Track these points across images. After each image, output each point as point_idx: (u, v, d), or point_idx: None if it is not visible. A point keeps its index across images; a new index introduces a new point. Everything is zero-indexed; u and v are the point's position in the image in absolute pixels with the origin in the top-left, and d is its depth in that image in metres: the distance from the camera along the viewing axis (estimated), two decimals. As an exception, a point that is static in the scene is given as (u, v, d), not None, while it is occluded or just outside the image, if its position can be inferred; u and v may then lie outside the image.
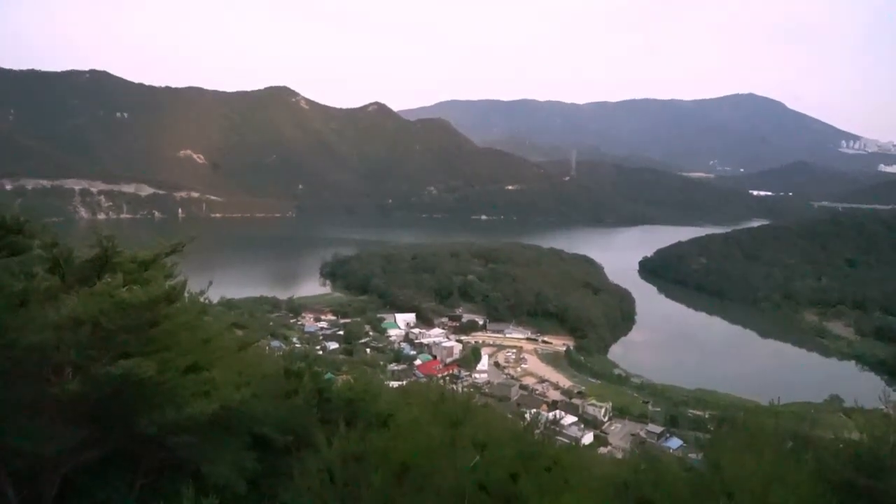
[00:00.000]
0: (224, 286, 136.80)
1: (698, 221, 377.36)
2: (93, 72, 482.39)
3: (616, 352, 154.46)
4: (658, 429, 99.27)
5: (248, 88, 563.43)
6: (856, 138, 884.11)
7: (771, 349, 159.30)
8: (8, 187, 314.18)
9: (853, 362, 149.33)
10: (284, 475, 13.84)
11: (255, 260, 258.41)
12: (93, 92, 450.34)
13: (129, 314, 13.79)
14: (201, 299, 19.21)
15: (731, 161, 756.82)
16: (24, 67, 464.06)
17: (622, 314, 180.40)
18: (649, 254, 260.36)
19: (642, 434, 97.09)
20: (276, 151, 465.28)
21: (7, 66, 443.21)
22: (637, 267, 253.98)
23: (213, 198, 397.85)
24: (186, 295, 17.17)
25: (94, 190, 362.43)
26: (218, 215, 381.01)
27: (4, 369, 12.22)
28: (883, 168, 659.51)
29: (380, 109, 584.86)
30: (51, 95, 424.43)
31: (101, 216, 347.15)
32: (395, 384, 53.17)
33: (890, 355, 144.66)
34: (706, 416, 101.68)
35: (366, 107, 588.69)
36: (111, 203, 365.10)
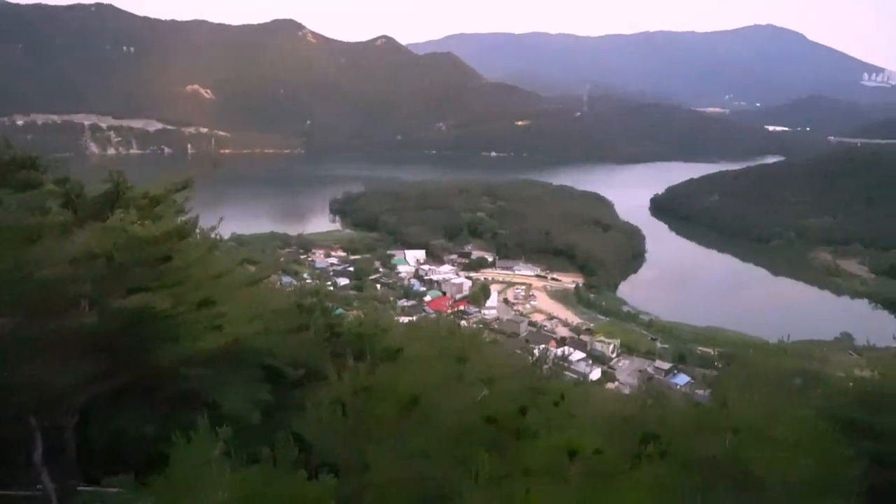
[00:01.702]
0: (235, 222, 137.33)
1: (711, 158, 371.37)
2: (98, 5, 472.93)
3: (625, 289, 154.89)
4: (666, 365, 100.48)
5: (255, 21, 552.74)
6: (879, 70, 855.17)
7: (782, 288, 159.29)
8: (19, 122, 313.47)
9: (866, 301, 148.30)
10: (296, 407, 14.20)
11: (265, 196, 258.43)
12: (99, 26, 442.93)
13: (142, 249, 13.96)
14: (212, 235, 19.36)
15: (747, 96, 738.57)
16: (30, 1, 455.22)
17: (632, 252, 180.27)
18: (660, 191, 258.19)
19: (650, 370, 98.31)
20: (283, 86, 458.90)
21: (13, 0, 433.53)
22: (648, 204, 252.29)
23: (221, 133, 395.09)
24: (197, 231, 17.32)
25: (103, 125, 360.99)
26: (227, 151, 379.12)
27: (22, 303, 12.47)
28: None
29: (387, 43, 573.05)
30: (57, 30, 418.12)
31: (111, 152, 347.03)
32: (404, 320, 53.90)
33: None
34: (714, 353, 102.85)
35: (373, 40, 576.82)
36: (120, 139, 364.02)
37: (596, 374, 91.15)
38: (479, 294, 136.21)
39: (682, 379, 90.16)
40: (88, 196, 15.12)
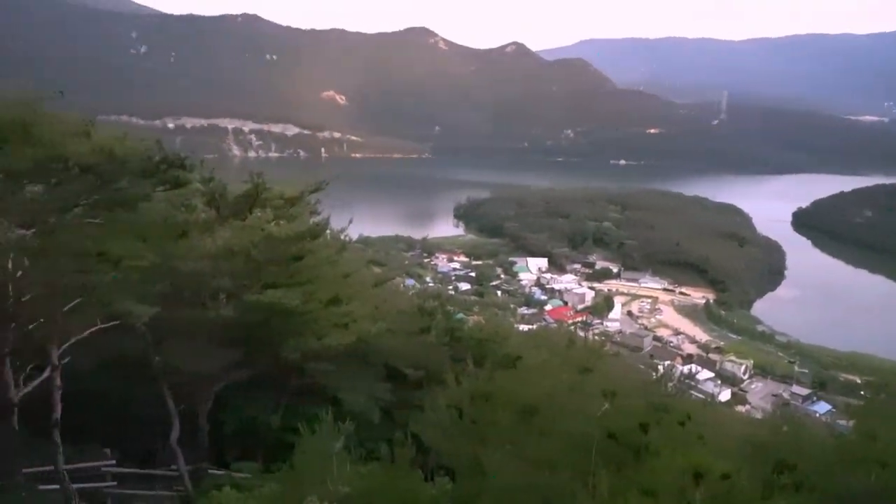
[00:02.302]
0: (362, 224, 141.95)
1: (864, 171, 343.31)
2: (245, 15, 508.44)
3: (760, 307, 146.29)
4: (804, 391, 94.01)
5: (388, 30, 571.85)
6: None
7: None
8: (170, 126, 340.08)
9: None
10: (415, 408, 14.41)
11: (392, 200, 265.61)
12: (244, 35, 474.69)
13: (277, 247, 14.74)
14: (342, 236, 20.13)
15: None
16: (183, 12, 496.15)
17: (770, 268, 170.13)
18: (805, 204, 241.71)
19: (785, 395, 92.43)
20: (413, 92, 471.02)
21: (168, 11, 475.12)
22: (790, 218, 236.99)
23: (353, 138, 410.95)
24: (328, 231, 18.05)
25: (245, 129, 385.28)
26: (358, 155, 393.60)
27: (167, 294, 13.47)
28: None
29: (518, 49, 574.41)
30: (206, 39, 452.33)
31: (252, 154, 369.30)
32: (524, 328, 53.59)
33: None
34: (860, 381, 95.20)
35: (504, 47, 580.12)
36: (261, 142, 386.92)
37: (725, 395, 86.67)
38: (602, 305, 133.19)
39: (822, 407, 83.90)
40: (230, 196, 16.13)
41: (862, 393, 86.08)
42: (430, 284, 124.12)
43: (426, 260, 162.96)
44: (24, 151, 10.19)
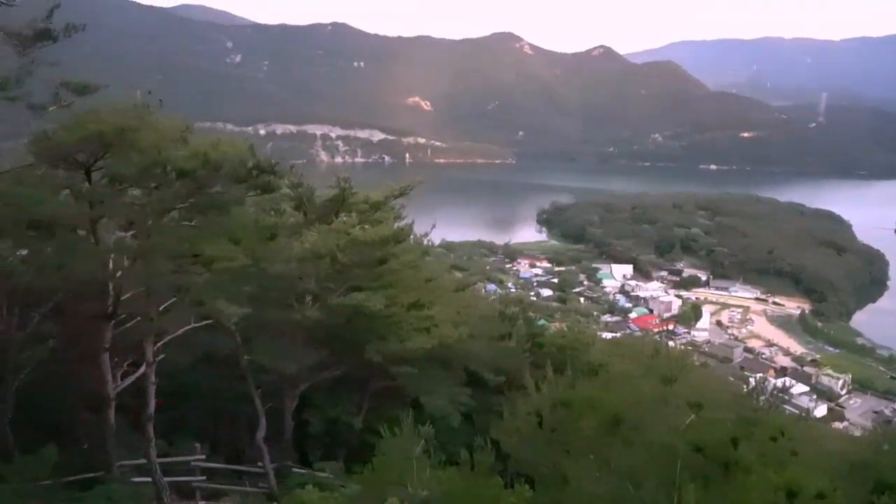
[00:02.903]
0: (444, 229, 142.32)
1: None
2: (334, 24, 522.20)
3: (860, 319, 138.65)
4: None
5: (474, 35, 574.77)
6: None
7: None
8: (262, 132, 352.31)
9: None
10: (496, 413, 14.34)
11: (475, 205, 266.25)
12: (333, 43, 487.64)
13: (362, 251, 15.01)
14: (424, 241, 20.30)
15: None
16: (276, 22, 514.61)
17: (871, 278, 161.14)
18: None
19: (887, 412, 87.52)
20: (498, 97, 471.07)
21: (262, 21, 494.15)
22: (894, 226, 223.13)
23: (437, 143, 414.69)
24: (411, 236, 18.25)
25: (332, 135, 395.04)
26: (441, 160, 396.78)
27: (257, 295, 13.93)
28: None
29: (605, 53, 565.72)
30: (297, 48, 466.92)
31: (339, 159, 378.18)
32: (607, 336, 52.55)
33: None
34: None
35: (590, 51, 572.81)
36: (347, 147, 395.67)
37: (821, 410, 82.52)
38: (689, 314, 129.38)
39: (928, 426, 78.78)
40: (317, 200, 16.56)
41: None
42: (512, 290, 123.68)
43: (508, 265, 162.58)
44: (128, 157, 10.77)
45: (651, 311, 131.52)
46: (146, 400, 12.59)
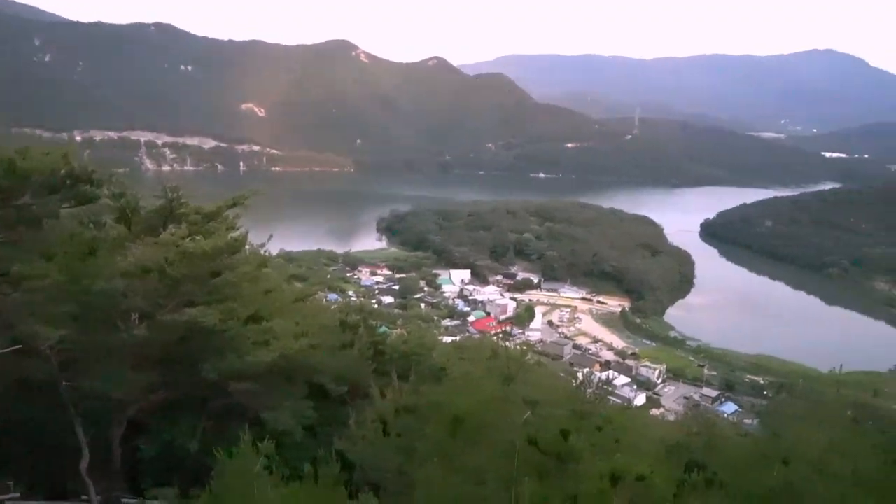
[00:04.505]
0: (283, 239, 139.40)
1: (765, 184, 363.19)
2: (158, 24, 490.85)
3: (673, 314, 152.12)
4: (713, 393, 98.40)
5: (309, 42, 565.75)
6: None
7: (835, 316, 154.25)
8: (78, 138, 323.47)
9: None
10: (340, 424, 14.21)
11: (314, 214, 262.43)
12: (158, 45, 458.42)
13: (194, 264, 14.26)
14: (262, 252, 19.68)
15: (804, 121, 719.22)
16: (91, 20, 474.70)
17: (681, 276, 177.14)
18: (712, 216, 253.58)
19: (696, 397, 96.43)
20: (336, 106, 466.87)
21: (75, 18, 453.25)
22: (698, 229, 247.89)
23: (273, 151, 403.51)
24: (248, 247, 17.63)
25: (159, 142, 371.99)
26: (278, 168, 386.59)
27: (77, 315, 12.83)
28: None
29: (439, 64, 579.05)
30: (117, 48, 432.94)
31: (166, 168, 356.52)
32: (448, 339, 53.71)
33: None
34: (764, 382, 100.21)
35: (425, 61, 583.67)
36: (175, 155, 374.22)
37: (641, 399, 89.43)
38: (524, 315, 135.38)
39: (729, 407, 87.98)
40: (142, 211, 15.55)
41: (766, 393, 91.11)
42: (354, 298, 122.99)
43: (349, 274, 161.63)
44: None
45: (489, 313, 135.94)
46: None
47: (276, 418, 14.44)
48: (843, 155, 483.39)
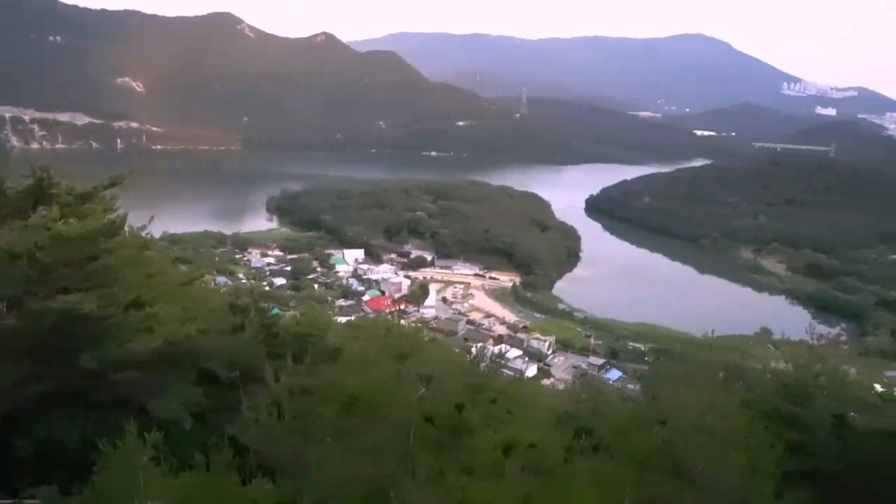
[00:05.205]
0: (167, 221, 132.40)
1: (644, 160, 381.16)
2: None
3: (561, 287, 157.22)
4: (599, 361, 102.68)
5: (190, 14, 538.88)
6: (797, 80, 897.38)
7: (708, 284, 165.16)
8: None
9: (783, 297, 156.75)
10: (232, 409, 13.90)
11: (200, 194, 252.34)
12: (19, 13, 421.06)
13: (67, 248, 13.41)
14: (143, 234, 18.76)
15: (678, 101, 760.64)
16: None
17: (568, 251, 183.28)
18: (596, 192, 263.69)
19: (584, 366, 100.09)
20: (220, 81, 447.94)
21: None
22: (583, 205, 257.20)
23: (153, 128, 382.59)
24: (127, 229, 16.75)
25: (26, 118, 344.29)
26: (159, 147, 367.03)
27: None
28: (820, 110, 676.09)
29: (328, 40, 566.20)
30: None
31: (35, 146, 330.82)
32: (343, 319, 53.44)
33: (817, 290, 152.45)
34: (645, 349, 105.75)
35: (314, 37, 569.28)
36: (45, 132, 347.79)
37: (532, 370, 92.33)
38: (418, 293, 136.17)
39: (614, 374, 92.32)
40: (9, 192, 14.47)
41: (647, 359, 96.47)
42: (244, 281, 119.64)
43: (238, 256, 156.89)
44: None
45: (383, 292, 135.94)
46: None
47: (162, 407, 13.92)
48: (713, 133, 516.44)
